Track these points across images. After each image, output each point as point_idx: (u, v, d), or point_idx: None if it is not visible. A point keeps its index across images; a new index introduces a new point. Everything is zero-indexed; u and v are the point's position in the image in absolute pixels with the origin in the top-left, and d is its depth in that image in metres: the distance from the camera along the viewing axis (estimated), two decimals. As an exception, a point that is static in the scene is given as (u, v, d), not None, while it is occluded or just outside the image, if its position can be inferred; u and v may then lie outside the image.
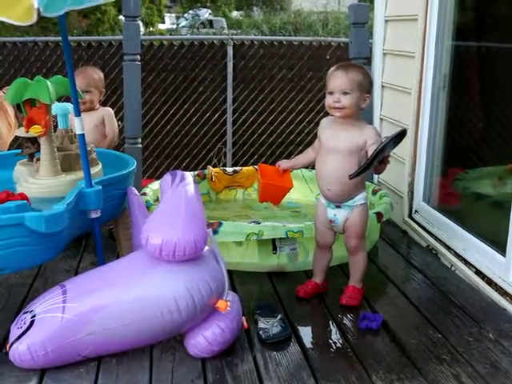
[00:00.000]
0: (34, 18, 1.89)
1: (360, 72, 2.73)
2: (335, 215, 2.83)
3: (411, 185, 3.93)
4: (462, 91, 3.77)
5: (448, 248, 3.44)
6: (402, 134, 2.67)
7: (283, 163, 2.99)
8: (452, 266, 3.35)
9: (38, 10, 1.89)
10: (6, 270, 2.44)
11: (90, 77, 3.85)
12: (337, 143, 2.75)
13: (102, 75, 4.00)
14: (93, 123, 3.77)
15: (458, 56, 3.71)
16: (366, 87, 2.72)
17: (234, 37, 6.67)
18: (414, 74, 3.79)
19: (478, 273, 3.11)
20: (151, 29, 17.14)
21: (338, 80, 2.70)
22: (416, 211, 3.94)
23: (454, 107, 3.77)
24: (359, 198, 2.80)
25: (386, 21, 4.38)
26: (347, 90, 2.68)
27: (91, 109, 3.86)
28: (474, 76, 3.75)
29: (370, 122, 4.51)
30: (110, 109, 4.02)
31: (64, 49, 2.60)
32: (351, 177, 2.64)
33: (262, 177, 2.94)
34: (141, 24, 4.78)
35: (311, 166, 3.02)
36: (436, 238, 3.59)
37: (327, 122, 2.86)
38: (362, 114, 2.83)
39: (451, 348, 2.48)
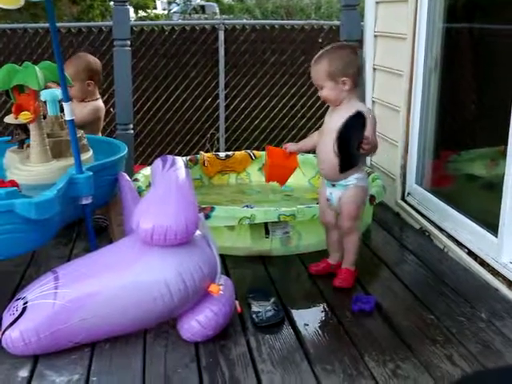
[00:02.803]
0: (22, 2, 1.89)
1: (327, 60, 2.73)
2: (331, 194, 2.85)
3: (404, 167, 3.93)
4: (453, 73, 3.76)
5: (440, 230, 3.45)
6: (356, 116, 2.68)
7: (290, 146, 2.99)
8: (445, 247, 3.36)
9: (24, -7, 1.88)
10: (-2, 257, 2.43)
11: (70, 69, 3.57)
12: (329, 124, 2.79)
13: (89, 64, 3.77)
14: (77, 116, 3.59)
15: (449, 37, 3.70)
16: (339, 72, 2.71)
17: (226, 21, 6.64)
18: (406, 56, 3.77)
19: (471, 253, 3.12)
20: (143, 13, 17.00)
21: (312, 75, 2.80)
22: (409, 193, 3.94)
23: (446, 89, 3.76)
24: (353, 178, 2.79)
25: (377, 3, 4.35)
26: (319, 83, 2.77)
27: (82, 100, 3.73)
28: (466, 57, 3.74)
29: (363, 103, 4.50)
30: (98, 103, 3.80)
31: (52, 34, 2.58)
32: (341, 170, 2.72)
33: (270, 157, 2.97)
34: (132, 9, 4.73)
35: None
36: (429, 220, 3.60)
37: (330, 107, 2.89)
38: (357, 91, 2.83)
39: (444, 329, 2.48)
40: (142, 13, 16.79)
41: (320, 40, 6.53)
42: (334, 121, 2.73)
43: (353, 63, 2.75)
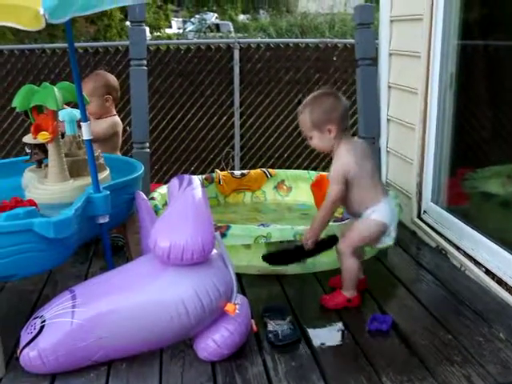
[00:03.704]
0: (43, 24, 1.92)
1: (308, 109, 2.77)
2: None
3: (419, 185, 3.92)
4: (468, 90, 3.76)
5: (457, 248, 3.43)
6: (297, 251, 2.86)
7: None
8: (462, 266, 3.34)
9: (44, 16, 1.91)
10: (16, 276, 2.45)
11: (88, 85, 3.66)
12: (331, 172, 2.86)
13: (108, 81, 3.82)
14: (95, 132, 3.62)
15: (464, 55, 3.70)
16: (322, 120, 2.74)
17: (241, 40, 6.69)
18: (421, 74, 3.78)
19: (488, 272, 3.09)
20: (158, 33, 17.18)
21: (300, 126, 2.86)
22: (425, 211, 3.92)
23: (461, 106, 3.76)
24: (370, 211, 2.81)
25: (392, 21, 4.37)
26: (307, 134, 2.82)
27: (99, 117, 3.75)
28: (481, 75, 3.74)
29: (378, 123, 4.51)
30: (116, 118, 3.84)
31: (70, 54, 2.62)
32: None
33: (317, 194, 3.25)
34: (147, 29, 4.79)
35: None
36: (445, 239, 3.58)
37: None
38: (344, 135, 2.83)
39: (462, 349, 2.46)
40: (156, 33, 16.97)
41: (334, 58, 6.55)
42: (331, 169, 2.80)
43: (335, 109, 2.75)
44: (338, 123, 2.75)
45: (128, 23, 4.79)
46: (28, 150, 3.02)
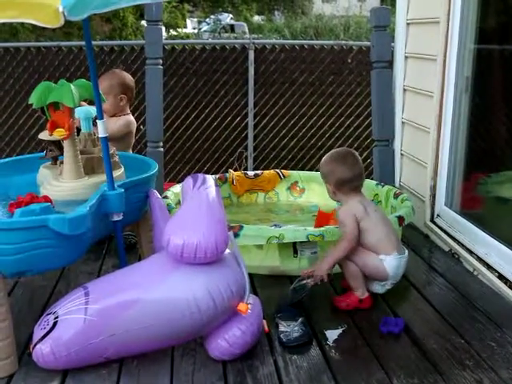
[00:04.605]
0: (62, 21, 1.92)
1: (323, 165, 3.01)
2: None
3: (433, 188, 3.91)
4: (484, 94, 3.75)
5: (470, 252, 3.42)
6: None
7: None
8: (474, 270, 3.33)
9: (63, 13, 1.92)
10: (30, 271, 2.46)
11: (104, 83, 3.67)
12: None
13: (124, 80, 3.84)
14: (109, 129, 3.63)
15: (480, 59, 3.69)
16: (329, 177, 2.97)
17: (256, 41, 6.69)
18: (436, 77, 3.77)
19: (501, 277, 3.08)
20: (174, 32, 17.23)
21: None
22: (438, 215, 3.91)
23: (477, 110, 3.74)
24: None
25: (408, 24, 4.36)
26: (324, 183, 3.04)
27: (113, 115, 3.77)
28: (497, 79, 3.72)
29: (392, 126, 4.50)
30: (130, 117, 3.86)
31: (87, 52, 2.63)
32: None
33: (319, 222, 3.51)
34: (163, 28, 4.81)
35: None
36: (458, 243, 3.56)
37: None
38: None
39: (474, 353, 2.45)
40: (172, 31, 17.02)
41: (349, 60, 6.54)
42: (339, 214, 2.97)
43: (334, 173, 2.93)
44: (335, 186, 2.94)
45: (144, 22, 4.81)
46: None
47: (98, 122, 2.63)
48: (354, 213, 2.87)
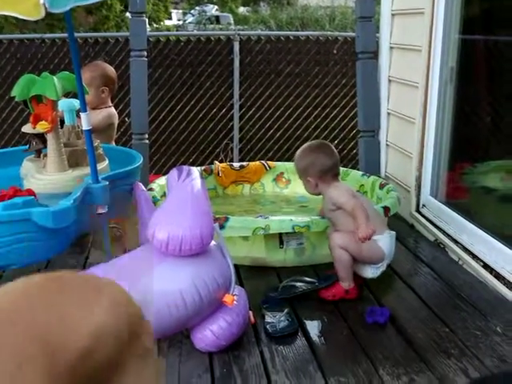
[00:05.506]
0: (42, 13, 1.91)
1: (300, 160, 2.99)
2: None
3: (418, 179, 3.92)
4: (469, 85, 3.76)
5: (456, 242, 3.44)
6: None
7: None
8: (459, 259, 3.35)
9: (44, 5, 1.90)
10: (14, 265, 2.45)
11: (86, 75, 3.59)
12: None
13: (105, 72, 3.80)
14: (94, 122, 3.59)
15: (465, 49, 3.69)
16: (309, 169, 2.93)
17: (241, 32, 6.69)
18: (421, 68, 3.77)
19: (486, 267, 3.10)
20: (158, 25, 17.16)
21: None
22: (423, 205, 3.93)
23: (461, 101, 3.76)
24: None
25: (393, 14, 4.36)
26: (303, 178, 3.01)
27: (94, 108, 3.71)
28: (481, 69, 3.74)
29: (378, 117, 4.51)
30: (111, 110, 3.83)
31: (70, 44, 2.61)
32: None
33: None
34: (147, 21, 4.78)
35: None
36: (443, 232, 3.58)
37: None
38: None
39: (459, 342, 2.47)
40: (154, 25, 16.95)
41: (335, 51, 6.55)
42: (326, 202, 2.98)
43: (314, 164, 2.91)
44: (316, 177, 2.92)
45: (128, 14, 4.78)
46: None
47: (82, 114, 2.62)
48: (346, 189, 2.92)
